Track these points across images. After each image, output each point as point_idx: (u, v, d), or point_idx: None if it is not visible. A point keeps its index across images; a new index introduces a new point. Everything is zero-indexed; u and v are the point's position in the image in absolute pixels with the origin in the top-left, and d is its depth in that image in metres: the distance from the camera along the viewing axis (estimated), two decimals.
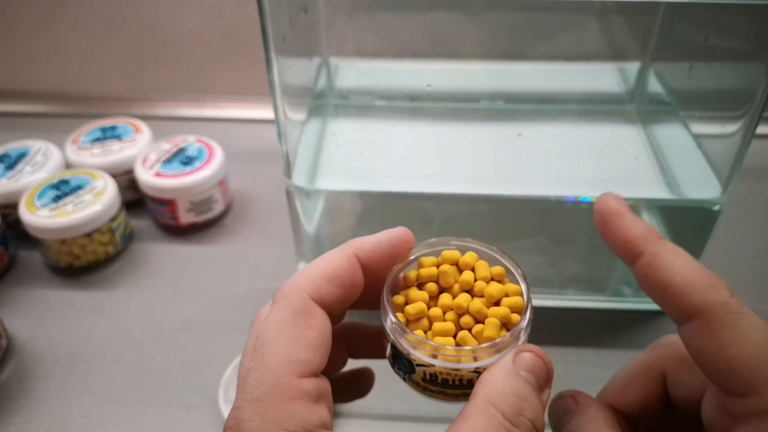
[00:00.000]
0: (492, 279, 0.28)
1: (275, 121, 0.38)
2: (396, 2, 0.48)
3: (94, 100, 0.70)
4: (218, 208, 0.53)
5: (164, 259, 0.50)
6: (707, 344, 0.18)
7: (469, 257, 0.28)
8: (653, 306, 0.45)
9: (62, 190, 0.49)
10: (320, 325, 0.21)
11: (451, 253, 0.28)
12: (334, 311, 0.23)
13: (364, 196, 0.46)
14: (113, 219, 0.49)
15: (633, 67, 0.51)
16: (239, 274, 0.49)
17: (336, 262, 0.23)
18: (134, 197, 0.55)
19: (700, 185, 0.41)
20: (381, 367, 0.41)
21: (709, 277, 0.20)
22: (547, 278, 0.46)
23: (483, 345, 0.24)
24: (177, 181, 0.50)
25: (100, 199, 0.48)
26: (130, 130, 0.57)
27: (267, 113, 0.65)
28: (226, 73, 0.67)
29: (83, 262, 0.49)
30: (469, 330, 0.25)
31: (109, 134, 0.56)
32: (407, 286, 0.28)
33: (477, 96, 0.50)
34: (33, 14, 0.65)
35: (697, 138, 0.42)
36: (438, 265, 0.28)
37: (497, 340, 0.24)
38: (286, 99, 0.37)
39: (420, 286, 0.28)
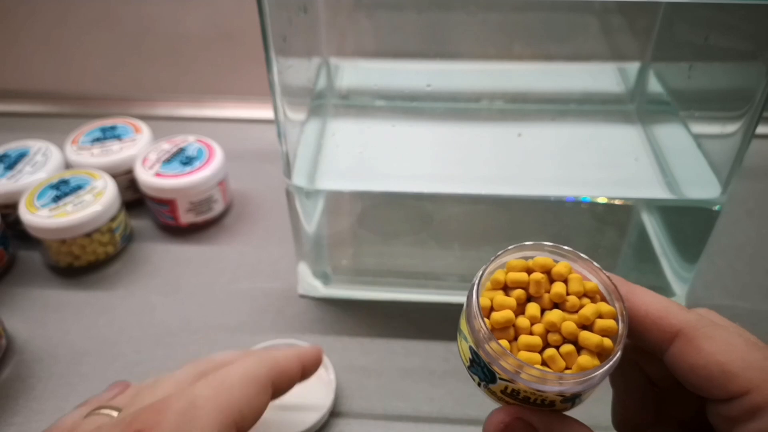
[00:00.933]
0: (585, 295, 0.25)
1: (275, 121, 0.38)
2: (395, 2, 0.48)
3: (94, 100, 0.70)
4: (218, 208, 0.53)
5: (164, 259, 0.50)
6: (697, 358, 0.20)
7: (563, 267, 0.26)
8: None
9: (62, 190, 0.49)
10: None
11: (544, 260, 0.26)
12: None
13: (363, 196, 0.46)
14: (113, 219, 0.49)
15: (633, 67, 0.51)
16: (239, 274, 0.49)
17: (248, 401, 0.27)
18: (134, 197, 0.55)
19: (700, 185, 0.41)
20: (378, 364, 0.42)
21: (678, 304, 0.22)
22: None
23: (574, 374, 0.23)
24: (177, 181, 0.50)
25: (99, 199, 0.48)
26: (130, 130, 0.57)
27: (267, 113, 0.65)
28: (225, 73, 0.67)
29: (83, 262, 0.49)
30: (557, 347, 0.23)
31: (108, 134, 0.56)
32: (493, 288, 0.26)
33: (477, 96, 0.50)
34: (33, 14, 0.65)
35: (697, 138, 0.42)
36: (529, 271, 0.26)
37: (590, 371, 0.22)
38: (285, 99, 0.37)
39: (507, 290, 0.26)
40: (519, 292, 0.25)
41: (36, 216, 0.47)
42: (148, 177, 0.51)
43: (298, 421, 0.37)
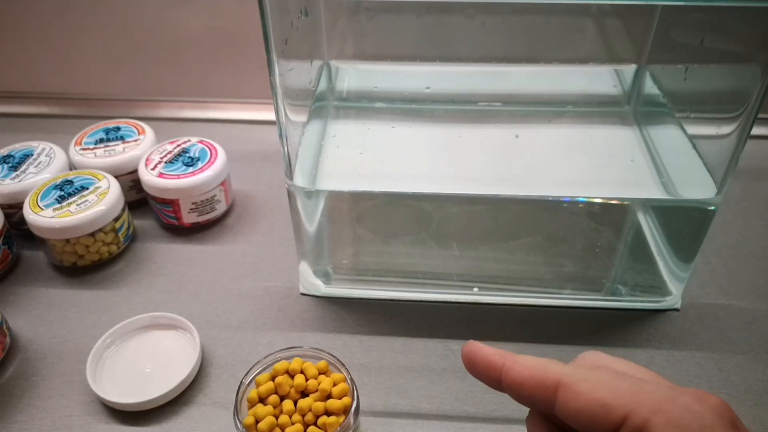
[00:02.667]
0: (320, 373, 0.37)
1: (276, 123, 0.39)
2: (395, 6, 0.49)
3: (98, 101, 0.70)
4: (220, 208, 0.54)
5: (167, 259, 0.51)
6: (578, 401, 0.22)
7: (296, 363, 0.37)
8: (648, 305, 0.45)
9: (66, 190, 0.49)
10: None
11: (280, 365, 0.37)
12: None
13: (364, 196, 0.47)
14: (117, 219, 0.49)
15: (629, 69, 0.51)
16: (241, 273, 0.49)
17: None
18: (137, 197, 0.56)
19: (696, 186, 0.41)
20: (378, 361, 0.42)
21: (555, 361, 0.24)
22: (543, 277, 0.47)
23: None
24: (180, 182, 0.51)
25: (103, 200, 0.48)
26: (134, 132, 0.57)
27: (268, 115, 0.65)
28: (228, 75, 0.67)
29: (87, 262, 0.49)
30: (315, 424, 0.34)
31: (112, 135, 0.57)
32: (252, 406, 0.35)
33: (475, 98, 0.51)
34: (37, 17, 0.66)
35: (693, 139, 0.43)
36: (273, 378, 0.36)
37: (343, 424, 0.34)
38: (287, 101, 0.38)
39: (263, 401, 0.36)
40: (273, 398, 0.35)
41: (40, 216, 0.47)
42: (151, 177, 0.51)
43: (170, 377, 0.40)
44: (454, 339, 0.44)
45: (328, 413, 0.35)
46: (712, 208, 0.40)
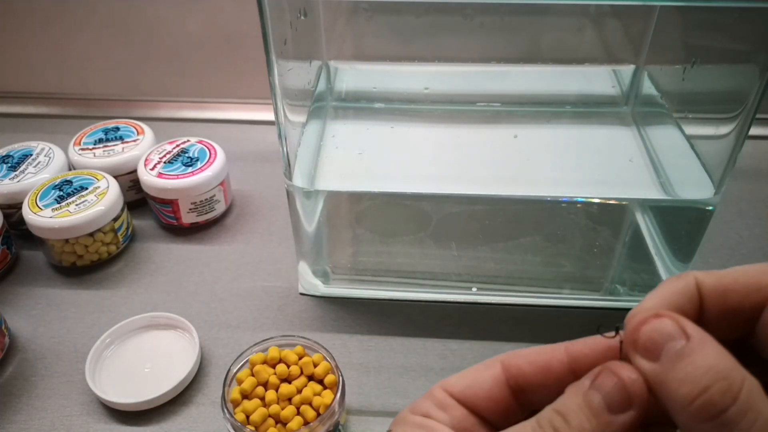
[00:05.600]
0: (300, 358, 0.38)
1: (276, 123, 0.39)
2: (394, 6, 0.49)
3: (97, 101, 0.70)
4: (220, 208, 0.54)
5: (166, 259, 0.51)
6: None
7: (272, 352, 0.37)
8: None
9: (65, 190, 0.49)
10: None
11: (256, 356, 0.38)
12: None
13: (363, 196, 0.47)
14: (116, 219, 0.49)
15: (627, 69, 0.51)
16: (240, 273, 0.49)
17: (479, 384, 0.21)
18: (136, 198, 0.56)
19: (694, 186, 0.41)
20: (376, 361, 0.42)
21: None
22: (542, 277, 0.47)
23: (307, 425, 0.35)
24: (179, 182, 0.51)
25: (102, 200, 0.48)
26: (133, 132, 0.57)
27: (267, 115, 0.65)
28: (227, 75, 0.67)
29: (86, 262, 0.49)
30: (310, 404, 0.36)
31: (111, 135, 0.57)
32: (237, 405, 0.36)
33: (474, 98, 0.51)
34: (36, 17, 0.66)
35: (691, 139, 0.43)
36: (252, 372, 0.37)
37: (312, 423, 0.35)
38: (286, 101, 0.38)
39: (248, 397, 0.37)
40: (258, 390, 0.37)
41: (39, 216, 0.47)
42: (150, 178, 0.51)
43: (169, 377, 0.40)
44: (452, 339, 0.44)
45: (316, 393, 0.37)
46: (710, 208, 0.40)
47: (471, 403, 0.21)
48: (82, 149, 0.55)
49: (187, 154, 0.53)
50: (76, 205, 0.48)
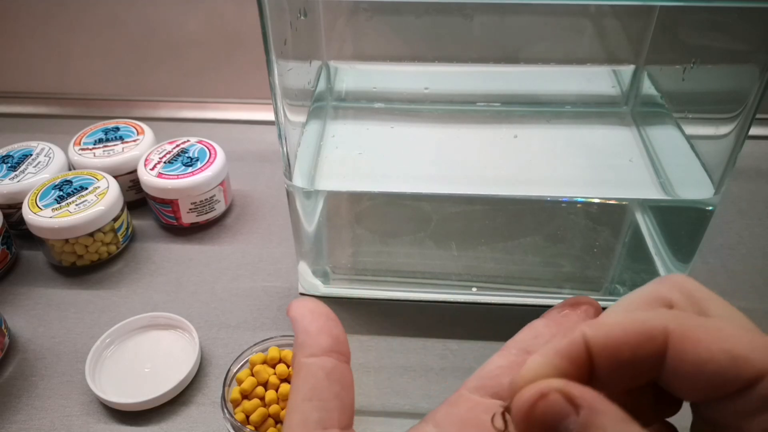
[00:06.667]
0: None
1: (275, 123, 0.39)
2: (394, 6, 0.49)
3: (97, 101, 0.70)
4: (220, 208, 0.54)
5: (166, 259, 0.51)
6: (699, 351, 0.17)
7: (272, 352, 0.38)
8: None
9: (65, 190, 0.49)
10: None
11: (256, 356, 0.38)
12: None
13: (363, 196, 0.47)
14: (116, 219, 0.49)
15: (627, 69, 0.51)
16: (240, 273, 0.49)
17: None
18: (136, 197, 0.56)
19: (694, 186, 0.41)
20: (376, 361, 0.42)
21: (645, 312, 0.19)
22: (542, 277, 0.47)
23: None
24: (179, 182, 0.51)
25: (102, 200, 0.48)
26: (133, 132, 0.57)
27: (267, 115, 0.65)
28: (227, 75, 0.68)
29: (86, 262, 0.49)
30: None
31: (111, 135, 0.57)
32: (237, 405, 0.36)
33: (474, 98, 0.51)
34: (36, 17, 0.66)
35: (691, 139, 0.43)
36: (253, 372, 0.37)
37: None
38: (286, 101, 0.38)
39: (248, 397, 0.37)
40: (258, 390, 0.36)
41: (39, 216, 0.47)
42: (150, 177, 0.51)
43: (169, 377, 0.40)
44: (452, 339, 0.44)
45: None
46: (710, 208, 0.40)
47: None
48: (82, 149, 0.55)
49: (187, 154, 0.53)
50: (76, 205, 0.48)
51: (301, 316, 0.23)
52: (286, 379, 0.37)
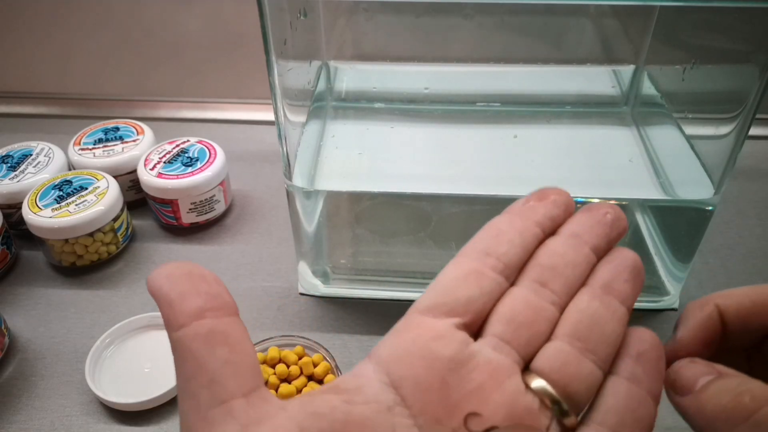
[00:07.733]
0: (300, 358, 0.38)
1: (275, 123, 0.39)
2: (394, 6, 0.49)
3: (97, 101, 0.70)
4: (219, 208, 0.54)
5: (166, 259, 0.51)
6: None
7: (272, 352, 0.38)
8: (646, 304, 0.45)
9: (65, 190, 0.49)
10: None
11: (258, 356, 0.36)
12: None
13: (362, 196, 0.47)
14: (115, 219, 0.49)
15: (627, 69, 0.51)
16: (240, 273, 0.49)
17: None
18: (136, 197, 0.56)
19: (693, 186, 0.41)
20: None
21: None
22: None
23: None
24: (179, 182, 0.51)
25: (102, 200, 0.48)
26: (132, 132, 0.57)
27: (267, 115, 0.65)
28: (227, 75, 0.68)
29: (86, 262, 0.49)
30: None
31: (111, 135, 0.57)
32: None
33: (473, 98, 0.51)
34: (36, 17, 0.66)
35: (691, 139, 0.43)
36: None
37: None
38: (286, 101, 0.38)
39: None
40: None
41: (39, 216, 0.47)
42: (150, 177, 0.51)
43: (169, 377, 0.40)
44: None
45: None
46: (710, 208, 0.40)
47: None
48: (82, 149, 0.55)
49: (186, 154, 0.53)
50: (76, 205, 0.48)
51: (159, 287, 0.18)
52: (286, 379, 0.37)
